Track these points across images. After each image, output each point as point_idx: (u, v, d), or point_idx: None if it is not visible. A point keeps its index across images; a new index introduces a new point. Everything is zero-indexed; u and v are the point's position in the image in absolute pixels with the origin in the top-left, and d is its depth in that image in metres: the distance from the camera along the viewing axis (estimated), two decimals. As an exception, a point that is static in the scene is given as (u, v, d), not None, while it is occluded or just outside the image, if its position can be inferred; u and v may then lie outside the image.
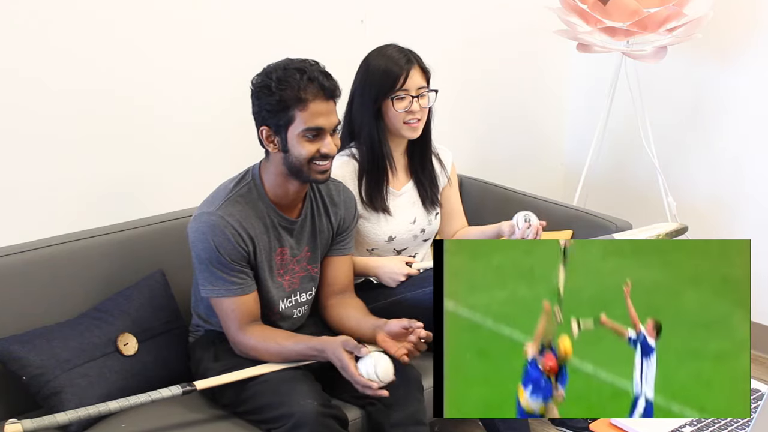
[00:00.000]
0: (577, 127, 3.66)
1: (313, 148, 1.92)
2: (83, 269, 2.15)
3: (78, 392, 1.94)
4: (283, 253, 2.04)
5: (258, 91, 1.93)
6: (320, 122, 1.91)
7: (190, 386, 1.91)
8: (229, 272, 1.95)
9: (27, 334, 1.99)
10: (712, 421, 1.75)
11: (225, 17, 2.57)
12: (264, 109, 1.92)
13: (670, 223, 2.41)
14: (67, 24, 2.26)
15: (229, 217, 1.94)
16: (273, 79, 1.90)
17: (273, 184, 2.01)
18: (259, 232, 1.99)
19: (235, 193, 1.98)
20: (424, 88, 2.27)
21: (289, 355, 1.96)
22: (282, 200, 2.02)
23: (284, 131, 1.92)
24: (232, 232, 1.93)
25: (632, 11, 2.84)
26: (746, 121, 3.15)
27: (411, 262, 2.29)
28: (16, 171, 2.26)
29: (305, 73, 1.89)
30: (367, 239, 2.34)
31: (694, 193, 3.33)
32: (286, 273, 2.06)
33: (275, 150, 1.95)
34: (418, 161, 2.40)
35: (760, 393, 1.83)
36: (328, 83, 1.92)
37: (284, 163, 1.96)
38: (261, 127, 1.95)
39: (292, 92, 1.88)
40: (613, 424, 1.76)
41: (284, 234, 2.04)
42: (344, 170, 2.29)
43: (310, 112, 1.89)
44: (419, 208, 2.41)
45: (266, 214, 2.00)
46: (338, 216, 2.14)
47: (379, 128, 2.27)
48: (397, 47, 2.29)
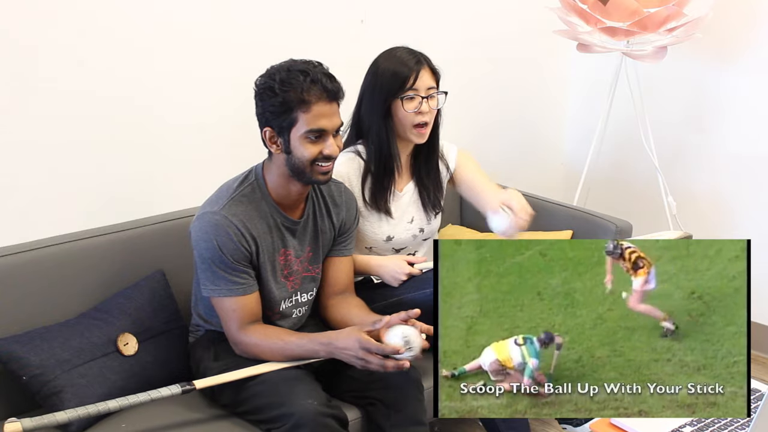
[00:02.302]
0: (577, 127, 3.66)
1: (316, 150, 1.92)
2: (83, 269, 2.15)
3: (78, 392, 1.94)
4: (287, 254, 2.04)
5: (261, 92, 1.93)
6: (323, 124, 1.91)
7: (190, 385, 1.91)
8: (231, 272, 1.95)
9: (27, 334, 1.99)
10: (712, 421, 1.75)
11: (227, 18, 2.57)
12: (267, 110, 1.92)
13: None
14: (68, 25, 2.26)
15: (233, 217, 1.94)
16: (276, 80, 1.90)
17: (276, 184, 2.01)
18: (263, 232, 1.99)
19: (239, 192, 1.98)
20: (433, 89, 2.26)
21: (292, 352, 1.96)
22: (285, 200, 2.03)
23: (287, 133, 1.92)
24: (235, 232, 1.93)
25: (632, 11, 2.84)
26: (746, 121, 3.15)
27: (413, 262, 2.28)
28: (16, 171, 2.26)
29: (308, 74, 1.89)
30: (365, 237, 2.34)
31: (694, 193, 3.33)
32: (290, 274, 2.06)
33: (278, 151, 1.95)
34: (423, 165, 2.39)
35: (760, 393, 1.83)
36: (331, 85, 1.92)
37: (287, 164, 1.96)
38: (264, 128, 1.95)
39: (296, 94, 1.88)
40: (613, 424, 1.76)
41: (287, 234, 2.04)
42: (349, 167, 2.29)
43: (313, 114, 1.89)
44: (418, 208, 2.40)
45: (269, 214, 2.01)
46: (340, 217, 2.14)
47: (388, 129, 2.26)
48: (406, 49, 2.28)
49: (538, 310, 1.52)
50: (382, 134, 2.26)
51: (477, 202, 2.42)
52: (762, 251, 2.25)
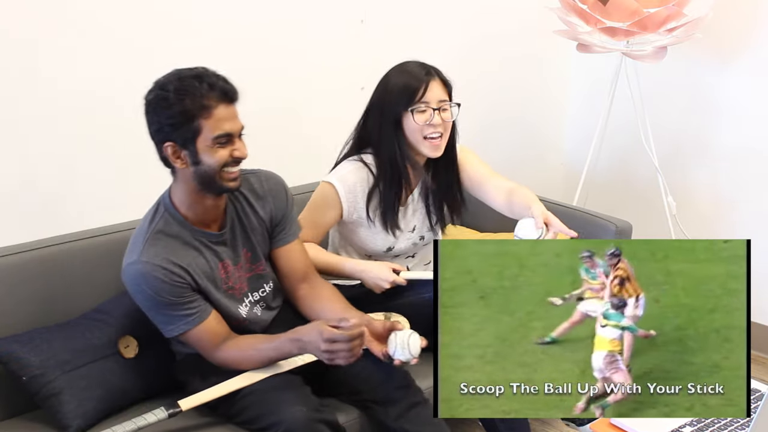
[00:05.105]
0: (577, 127, 3.66)
1: (225, 154, 1.84)
2: (85, 269, 2.15)
3: (77, 394, 1.94)
4: (225, 265, 1.98)
5: (155, 105, 1.82)
6: (228, 127, 1.83)
7: (176, 408, 1.87)
8: (178, 308, 1.89)
9: (27, 334, 1.99)
10: (712, 421, 1.75)
11: (227, 18, 2.57)
12: (165, 124, 1.81)
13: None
14: (68, 25, 2.26)
15: (155, 259, 1.85)
16: (170, 90, 1.80)
17: (188, 204, 1.91)
18: (192, 258, 1.91)
19: (152, 231, 1.89)
20: (445, 101, 2.21)
21: (268, 356, 1.93)
22: (203, 218, 1.94)
23: (192, 143, 1.82)
24: (163, 274, 1.84)
25: (632, 11, 2.83)
26: (746, 121, 3.15)
27: (398, 270, 2.22)
28: (17, 171, 2.26)
29: (203, 79, 1.81)
30: (366, 247, 2.32)
31: (694, 193, 3.33)
32: (234, 282, 2.00)
33: (183, 166, 1.85)
34: (443, 181, 2.32)
35: (760, 393, 1.83)
36: (228, 87, 1.84)
37: (195, 178, 1.86)
38: (164, 144, 1.83)
39: (193, 101, 1.79)
40: (613, 424, 1.76)
41: (218, 248, 1.97)
42: (357, 176, 2.24)
43: (215, 119, 1.81)
44: (422, 217, 2.36)
45: (192, 237, 1.92)
46: (267, 209, 2.05)
47: (400, 143, 2.20)
48: (417, 62, 2.23)
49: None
50: (394, 150, 2.20)
51: (482, 195, 2.39)
52: (762, 251, 2.24)
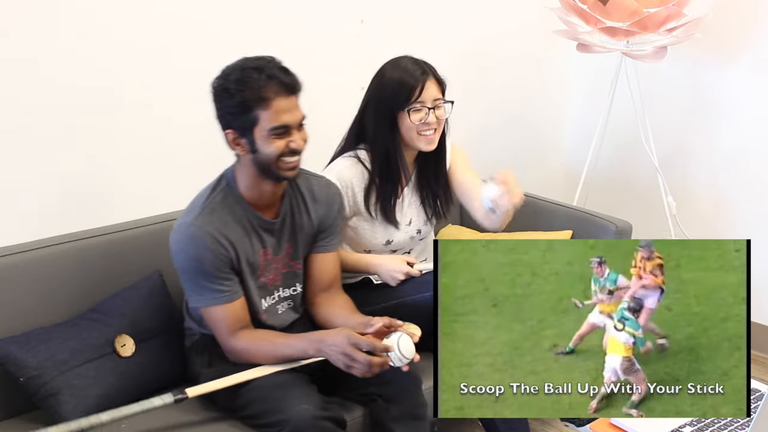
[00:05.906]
0: (577, 127, 3.66)
1: (282, 144, 1.89)
2: (81, 270, 2.14)
3: (75, 393, 1.94)
4: (266, 253, 2.02)
5: (218, 94, 1.89)
6: (285, 119, 1.88)
7: (182, 394, 1.89)
8: (213, 281, 1.92)
9: (24, 335, 1.98)
10: (712, 421, 1.75)
11: (227, 18, 2.56)
12: (226, 112, 1.88)
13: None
14: (68, 25, 2.26)
15: (208, 226, 1.91)
16: (231, 80, 1.86)
17: (247, 185, 1.97)
18: (240, 236, 1.96)
19: (212, 200, 1.95)
20: (440, 99, 2.24)
21: (283, 352, 1.95)
22: (259, 201, 2.00)
23: (250, 132, 1.88)
24: (212, 242, 1.90)
25: (632, 11, 2.83)
26: (746, 121, 3.15)
27: (413, 263, 2.27)
28: (16, 171, 2.26)
29: (263, 71, 1.86)
30: (364, 241, 2.34)
31: (694, 193, 3.33)
32: (269, 272, 2.04)
33: (243, 152, 1.92)
34: (432, 172, 2.37)
35: (760, 393, 1.83)
36: (288, 79, 1.88)
37: (254, 164, 1.92)
38: (226, 130, 1.91)
39: (252, 92, 1.84)
40: (613, 424, 1.75)
41: (264, 235, 2.01)
42: (353, 172, 2.27)
43: (273, 111, 1.86)
44: (416, 209, 2.39)
45: (244, 217, 1.98)
46: (318, 213, 2.10)
47: (395, 141, 2.25)
48: (412, 59, 2.25)
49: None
50: (389, 145, 2.25)
51: (466, 201, 2.42)
52: (762, 251, 2.24)
